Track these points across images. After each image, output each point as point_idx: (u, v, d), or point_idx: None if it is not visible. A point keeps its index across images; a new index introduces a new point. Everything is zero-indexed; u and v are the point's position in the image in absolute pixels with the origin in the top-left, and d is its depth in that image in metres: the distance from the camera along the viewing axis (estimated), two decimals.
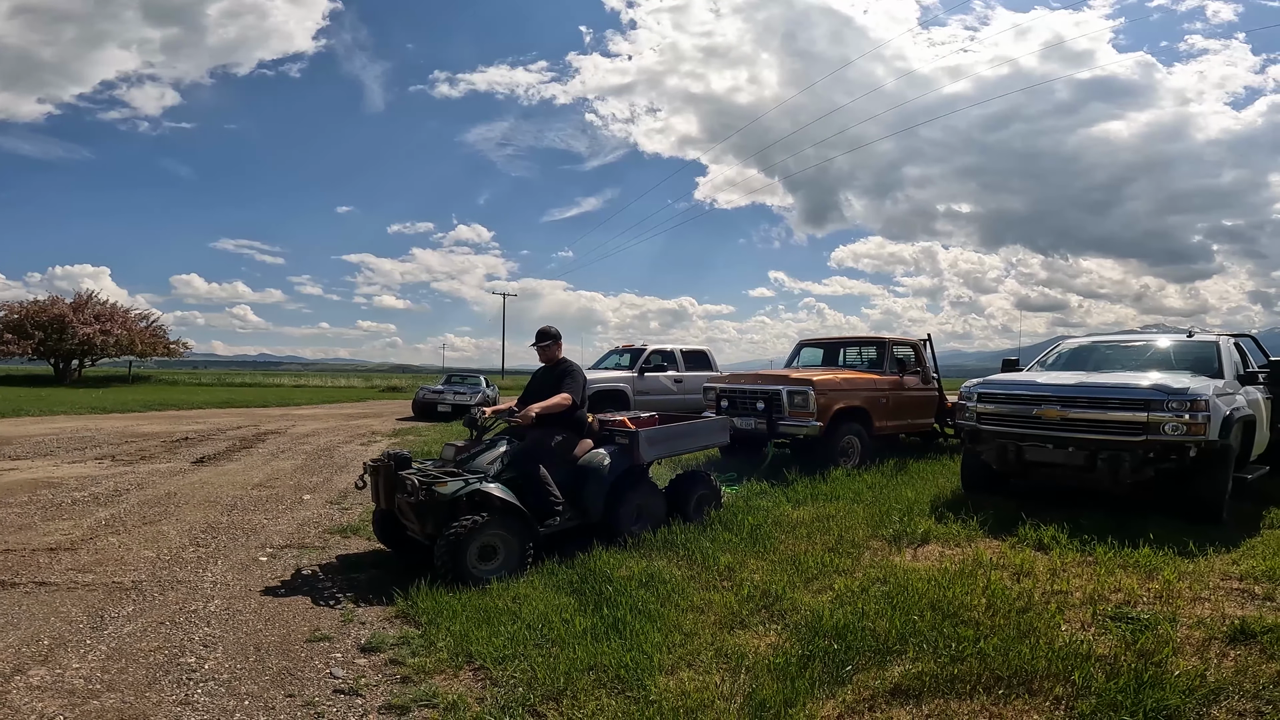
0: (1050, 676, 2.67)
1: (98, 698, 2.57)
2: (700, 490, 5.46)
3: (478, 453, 4.51)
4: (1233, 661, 2.78)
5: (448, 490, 3.95)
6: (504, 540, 4.05)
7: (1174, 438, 5.19)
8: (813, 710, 2.51)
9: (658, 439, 5.03)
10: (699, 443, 5.59)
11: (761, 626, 3.32)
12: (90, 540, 4.81)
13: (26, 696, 2.54)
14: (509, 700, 2.56)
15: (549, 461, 4.57)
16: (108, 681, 2.70)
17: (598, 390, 11.67)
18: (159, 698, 2.60)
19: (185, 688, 2.69)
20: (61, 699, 2.54)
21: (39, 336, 34.19)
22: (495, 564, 4.00)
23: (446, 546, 3.82)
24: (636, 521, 4.88)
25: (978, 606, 3.40)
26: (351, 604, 3.66)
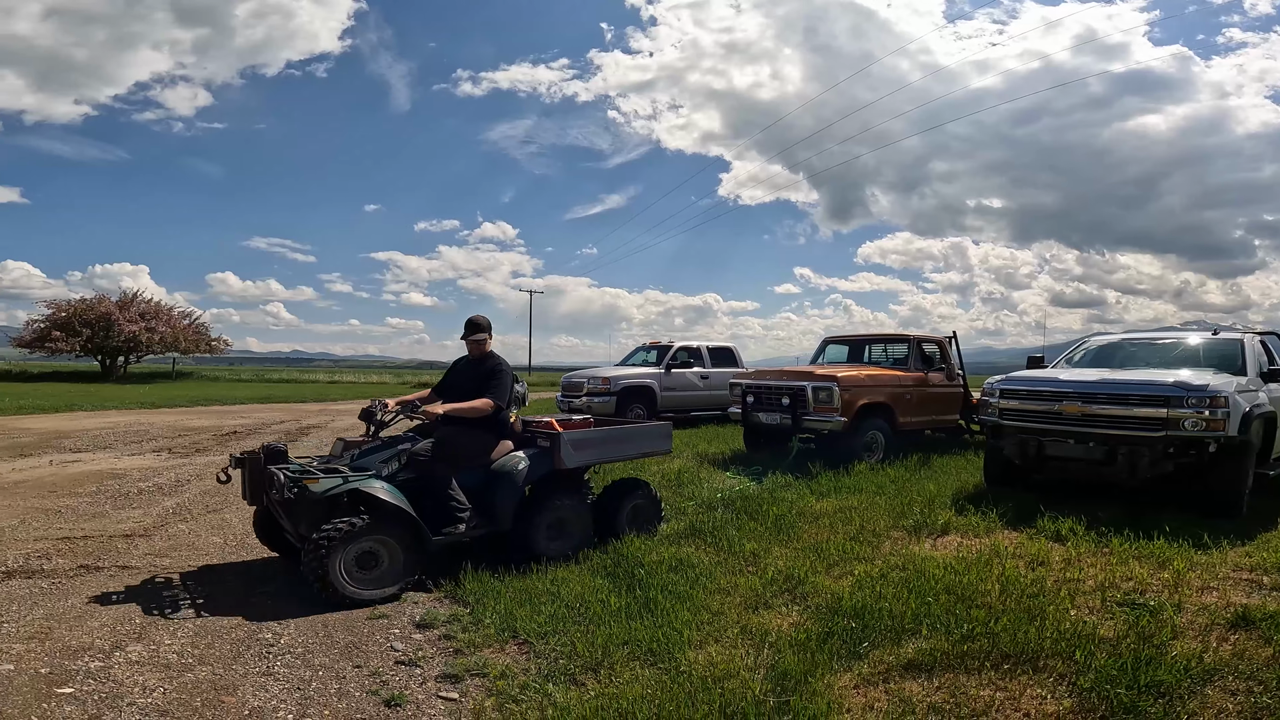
0: (1055, 655, 2.85)
1: (191, 670, 2.88)
2: (635, 501, 4.93)
3: (371, 450, 4.11)
4: (1231, 645, 2.93)
5: (319, 488, 3.61)
6: (388, 548, 3.73)
7: (1193, 433, 5.28)
8: (831, 681, 2.73)
9: (585, 443, 4.57)
10: (637, 449, 5.03)
11: (784, 607, 3.55)
12: (161, 527, 5.21)
13: (128, 671, 2.85)
14: (552, 670, 2.83)
15: (457, 463, 4.21)
16: (198, 655, 3.03)
17: (625, 387, 11.96)
18: (245, 669, 2.92)
19: (266, 660, 3.00)
20: (159, 672, 2.86)
21: (86, 334, 35.54)
22: (377, 573, 3.70)
23: (312, 552, 3.50)
24: (557, 536, 4.45)
25: (991, 592, 3.58)
26: None
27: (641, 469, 7.69)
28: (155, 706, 2.56)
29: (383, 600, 3.67)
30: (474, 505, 4.20)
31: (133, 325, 35.76)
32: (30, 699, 2.54)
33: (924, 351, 9.32)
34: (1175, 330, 7.63)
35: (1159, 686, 2.54)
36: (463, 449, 4.28)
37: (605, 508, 4.84)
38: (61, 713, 2.46)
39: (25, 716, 2.41)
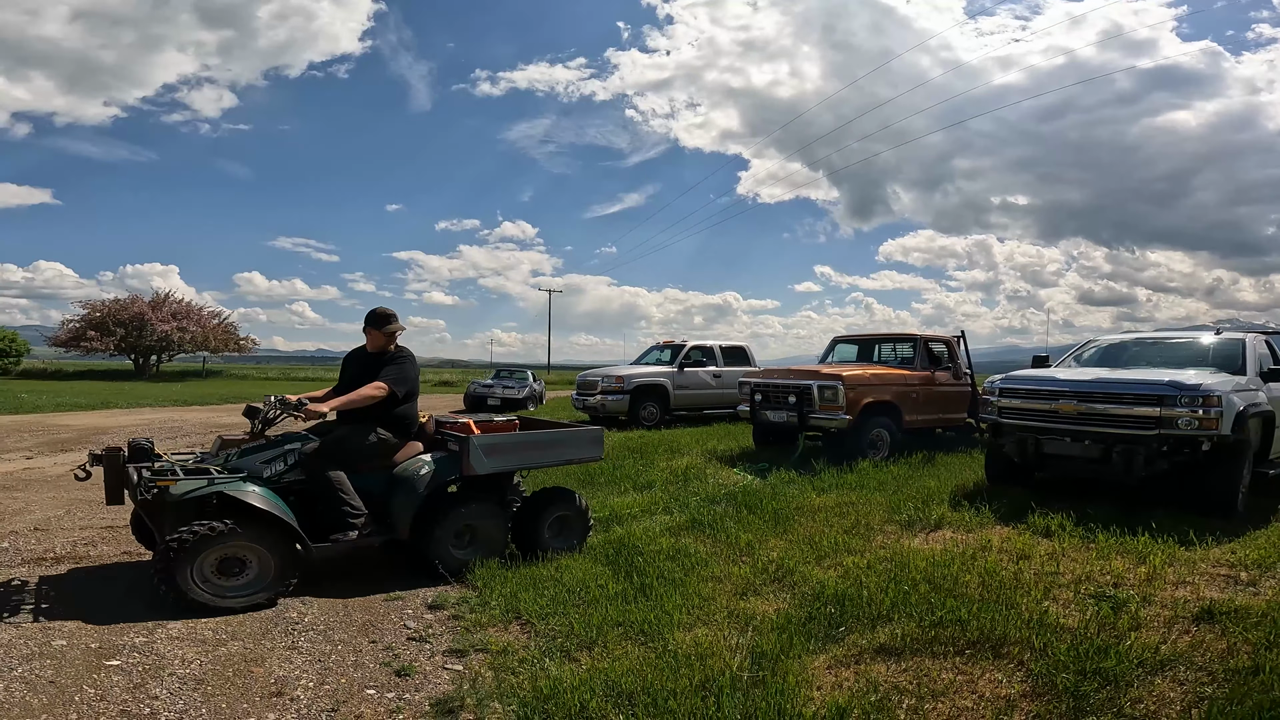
0: (1018, 643, 3.03)
1: (224, 645, 3.17)
2: (559, 511, 4.62)
3: (253, 449, 3.90)
4: (1189, 638, 3.08)
5: (178, 490, 3.44)
6: (256, 554, 3.56)
7: (1187, 432, 5.38)
8: (805, 661, 2.95)
9: (500, 448, 4.29)
10: (563, 455, 4.71)
11: (773, 595, 3.77)
12: None
13: (168, 645, 3.14)
14: (549, 647, 3.09)
15: (351, 464, 3.98)
16: (230, 632, 3.32)
17: (638, 385, 12.21)
18: (272, 644, 3.21)
19: (291, 636, 3.30)
20: (196, 646, 3.15)
21: (120, 333, 36.70)
22: (243, 580, 3.54)
23: (161, 555, 3.37)
24: (465, 546, 4.22)
25: (971, 584, 3.77)
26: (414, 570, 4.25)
27: (650, 465, 7.94)
28: (193, 676, 2.85)
29: (247, 609, 3.50)
30: (374, 510, 3.99)
31: (165, 325, 36.84)
32: (83, 670, 2.84)
33: (931, 351, 9.43)
34: (1180, 330, 7.70)
35: (1106, 674, 2.70)
36: (358, 449, 4.03)
37: (525, 518, 4.54)
38: (110, 681, 2.76)
39: (78, 685, 2.71)
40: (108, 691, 2.66)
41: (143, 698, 2.63)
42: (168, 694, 2.67)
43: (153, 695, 2.65)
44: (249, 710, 2.59)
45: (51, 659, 2.90)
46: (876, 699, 2.59)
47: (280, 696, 2.70)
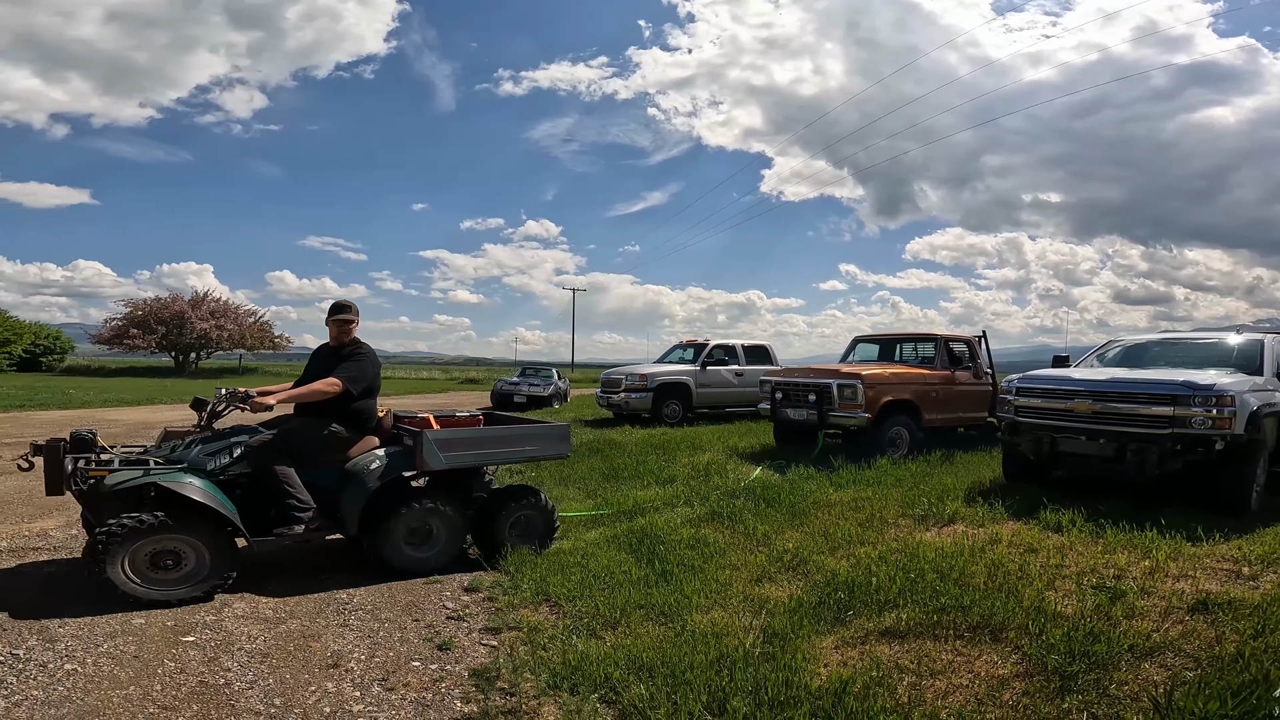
0: (1017, 628, 3.21)
1: (284, 623, 3.49)
2: (521, 511, 4.50)
3: (198, 442, 3.87)
4: (1182, 627, 3.23)
5: (112, 481, 3.44)
6: (193, 547, 3.55)
7: (1200, 431, 5.47)
8: (814, 641, 3.17)
9: (457, 443, 4.21)
10: (525, 452, 4.60)
11: (786, 581, 4.00)
12: None
13: (235, 623, 3.46)
14: (576, 626, 3.35)
15: (300, 458, 3.96)
16: (289, 611, 3.64)
17: (661, 383, 12.45)
18: (326, 622, 3.52)
19: (343, 615, 3.61)
20: (259, 624, 3.47)
21: (161, 331, 37.95)
22: (180, 574, 3.53)
23: (90, 547, 3.36)
24: (420, 545, 4.21)
25: (978, 574, 3.95)
26: None
27: (672, 461, 8.19)
28: (259, 650, 3.16)
29: (184, 602, 3.51)
30: (325, 505, 3.97)
31: (204, 323, 38.04)
32: (162, 645, 3.17)
33: (952, 350, 9.53)
34: (1202, 331, 7.74)
35: (1095, 657, 2.88)
36: (308, 443, 4.00)
37: (485, 516, 4.46)
38: (187, 656, 3.07)
39: (160, 659, 3.03)
40: (186, 664, 2.98)
41: (217, 669, 2.95)
42: (238, 666, 2.99)
43: (225, 668, 2.96)
44: (310, 680, 2.89)
45: (133, 636, 3.23)
46: (878, 675, 2.80)
47: (337, 668, 3.00)
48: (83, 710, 2.55)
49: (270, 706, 2.65)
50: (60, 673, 2.82)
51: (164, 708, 2.61)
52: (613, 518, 5.50)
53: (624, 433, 10.83)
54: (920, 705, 2.57)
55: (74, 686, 2.72)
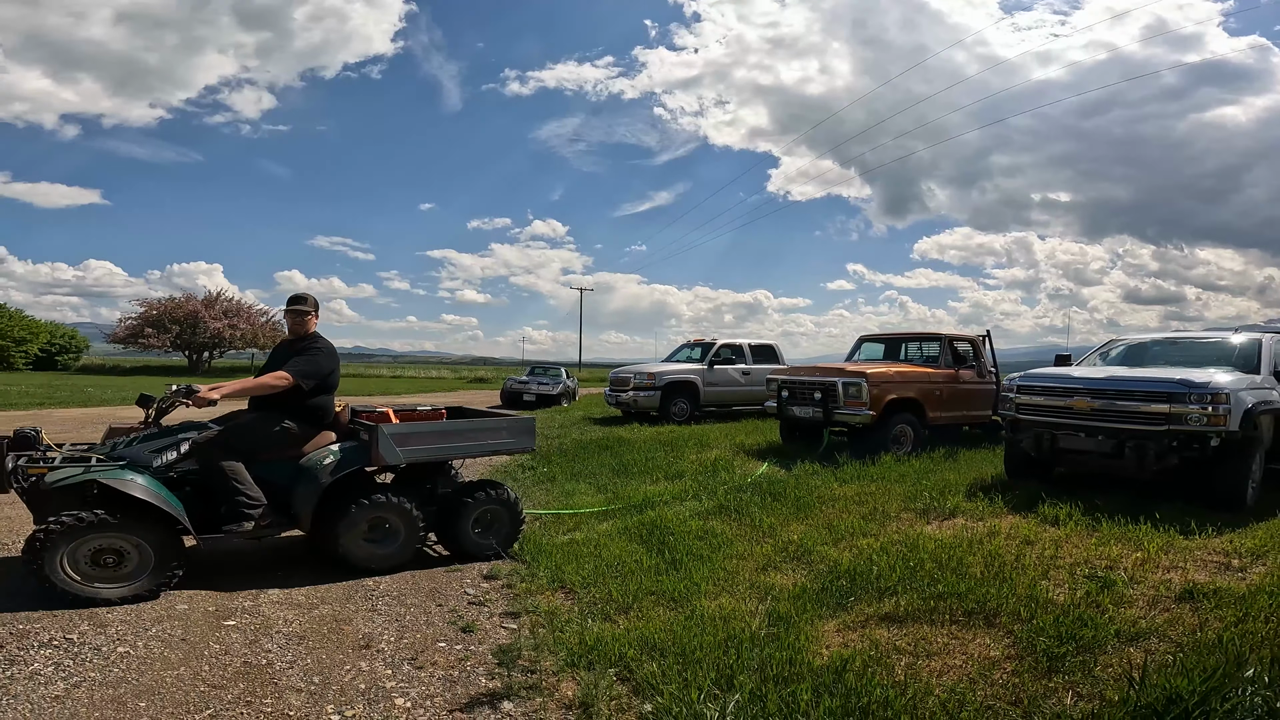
0: (1010, 614, 3.38)
1: (316, 608, 3.70)
2: (484, 506, 4.47)
3: (145, 438, 3.80)
4: (1168, 615, 3.39)
5: (51, 479, 3.40)
6: (136, 545, 3.51)
7: (1195, 428, 5.61)
8: (817, 625, 3.36)
9: (414, 437, 4.20)
10: (489, 445, 4.57)
11: (791, 570, 4.19)
12: None
13: (272, 608, 3.67)
14: (590, 611, 3.55)
15: (250, 453, 3.90)
16: (320, 597, 3.86)
17: (669, 382, 12.63)
18: (355, 607, 3.73)
19: (371, 601, 3.82)
20: (294, 609, 3.68)
21: (175, 330, 38.43)
22: (124, 571, 3.50)
23: (29, 545, 3.33)
24: (378, 541, 4.16)
25: (975, 564, 4.12)
26: None
27: (680, 458, 8.38)
28: (295, 633, 3.37)
29: (125, 600, 3.49)
30: (279, 501, 3.96)
31: (217, 323, 38.52)
32: (206, 629, 3.38)
33: (956, 350, 9.68)
34: (1201, 331, 7.86)
35: (1082, 641, 3.04)
36: (258, 438, 3.95)
37: (447, 512, 4.43)
38: (230, 639, 3.28)
39: (205, 642, 3.24)
40: (230, 646, 3.19)
41: (259, 651, 3.16)
42: (278, 648, 3.19)
43: (266, 649, 3.17)
44: (345, 660, 3.10)
45: (179, 620, 3.45)
46: (877, 655, 2.98)
47: (368, 649, 3.21)
48: (139, 690, 2.76)
49: (310, 684, 2.86)
50: (114, 655, 3.03)
51: (213, 686, 2.81)
52: (623, 511, 5.69)
53: (633, 430, 11.03)
54: (916, 683, 2.74)
55: (128, 668, 2.93)
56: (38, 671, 2.83)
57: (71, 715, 2.54)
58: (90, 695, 2.69)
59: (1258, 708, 2.16)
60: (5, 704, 2.58)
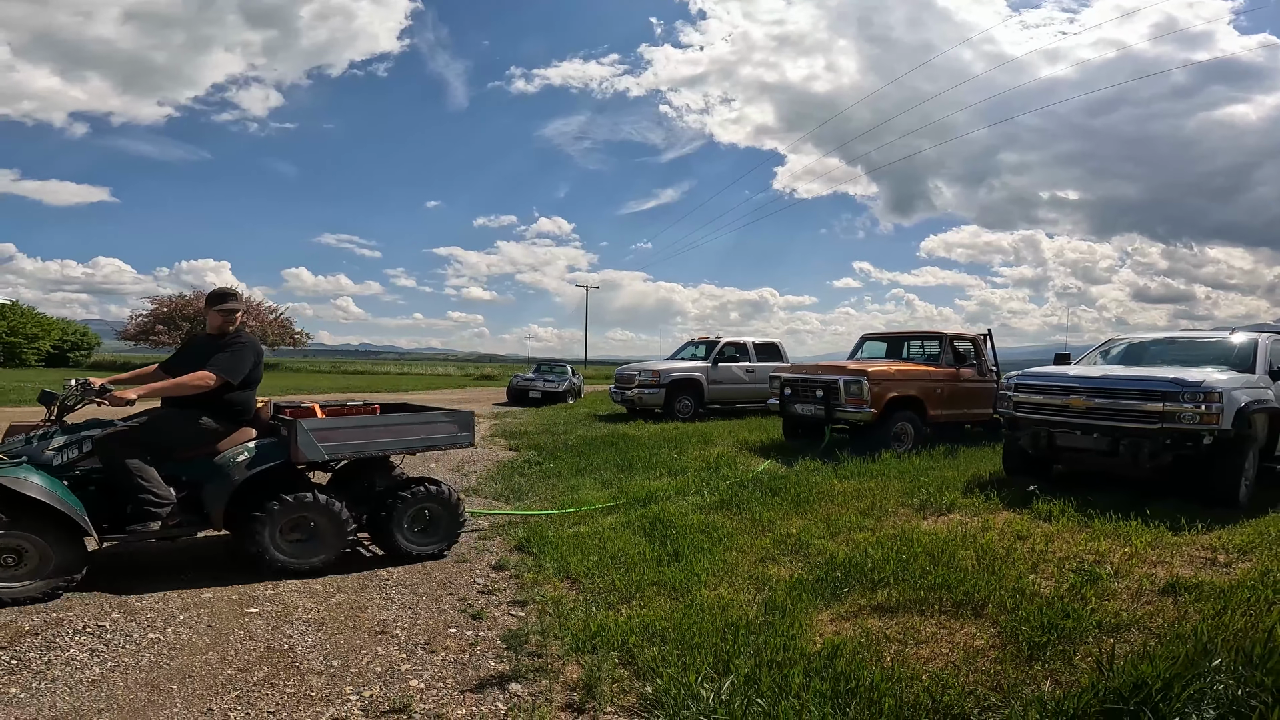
0: (996, 605, 3.51)
1: (334, 597, 3.87)
2: (420, 505, 4.38)
3: (44, 436, 3.71)
4: (1150, 607, 3.51)
5: None
6: (34, 544, 3.43)
7: (1189, 426, 5.73)
8: (812, 614, 3.50)
9: (337, 432, 4.10)
10: (421, 440, 4.47)
11: (789, 562, 4.33)
12: None
13: (291, 597, 3.84)
14: (594, 600, 3.71)
15: (159, 450, 3.80)
16: (336, 586, 4.02)
17: (673, 379, 12.78)
18: (370, 596, 3.90)
19: (384, 590, 3.99)
20: (312, 598, 3.84)
21: (186, 328, 38.78)
22: (21, 571, 3.44)
23: None
24: (302, 541, 4.05)
25: (968, 558, 4.25)
26: (478, 538, 4.94)
27: (683, 454, 8.52)
28: (314, 620, 3.54)
29: (18, 601, 3.42)
30: (193, 500, 3.89)
31: None
32: (231, 616, 3.55)
33: (957, 348, 9.79)
34: (1200, 330, 7.96)
35: (1063, 631, 3.15)
36: (174, 436, 3.86)
37: (381, 511, 4.34)
38: (253, 625, 3.45)
39: (230, 628, 3.41)
40: (253, 632, 3.36)
41: (280, 636, 3.32)
42: (298, 633, 3.36)
43: (288, 635, 3.34)
44: (361, 644, 3.26)
45: (204, 608, 3.62)
46: (867, 642, 3.13)
47: (383, 634, 3.38)
48: (170, 673, 2.93)
49: (329, 667, 3.02)
50: (145, 641, 3.20)
51: (240, 669, 2.98)
52: (627, 505, 5.84)
53: (637, 427, 11.18)
54: (903, 669, 2.88)
55: (160, 653, 3.10)
56: (74, 657, 3.01)
57: (108, 698, 2.71)
58: (125, 679, 2.86)
59: (1220, 694, 2.29)
60: (45, 687, 2.75)
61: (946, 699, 2.58)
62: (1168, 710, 2.14)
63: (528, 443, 10.19)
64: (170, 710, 2.63)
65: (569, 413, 15.13)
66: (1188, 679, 2.33)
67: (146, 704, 2.67)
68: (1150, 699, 2.21)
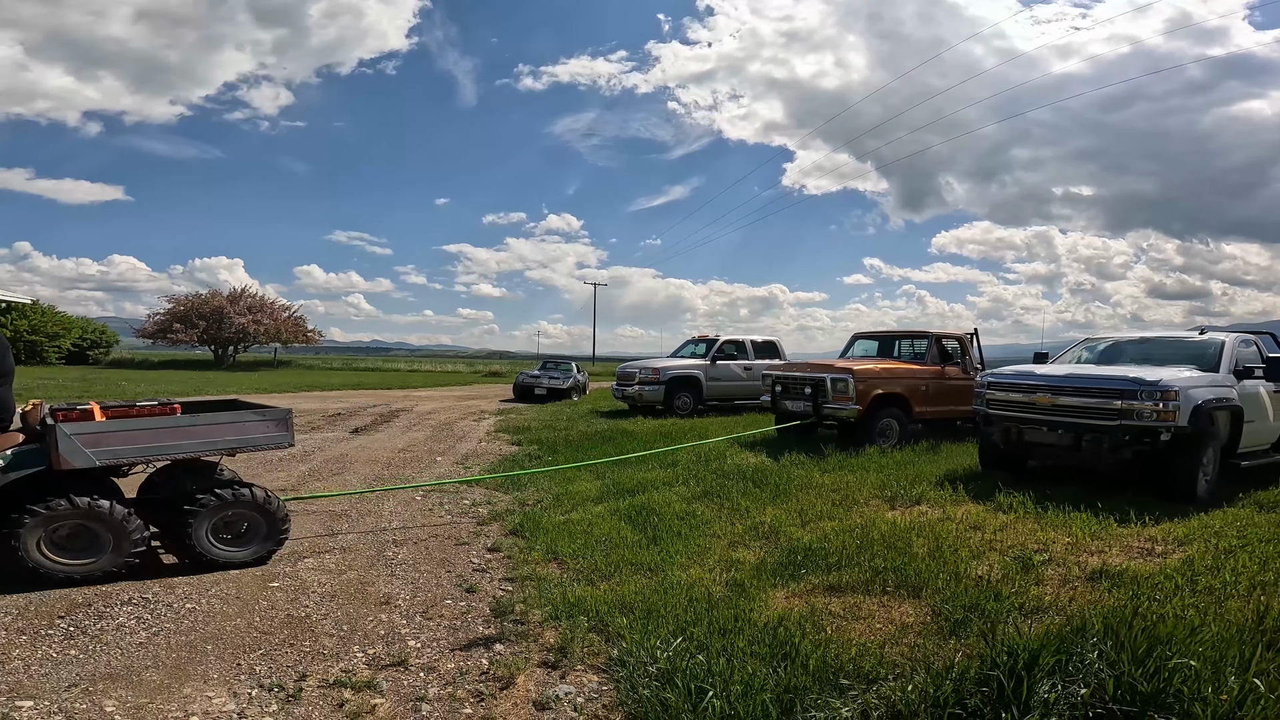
0: (933, 589, 3.87)
1: (345, 574, 4.34)
2: (227, 511, 4.18)
3: None
4: (1072, 591, 3.83)
5: None
6: None
7: (1147, 423, 6.07)
8: (770, 592, 3.92)
9: (112, 435, 3.86)
10: (223, 442, 4.20)
11: (758, 547, 4.75)
12: (302, 485, 6.85)
13: (308, 573, 4.31)
14: (577, 577, 4.15)
15: None
16: (347, 564, 4.50)
17: (673, 376, 13.19)
18: (377, 573, 4.36)
19: (390, 568, 4.45)
20: (326, 575, 4.31)
21: (202, 326, 39.65)
22: None
23: None
24: (81, 550, 3.85)
25: (921, 545, 4.64)
26: (477, 524, 5.40)
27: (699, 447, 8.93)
28: (328, 592, 4.00)
29: None
30: None
31: (242, 318, 39.70)
32: (255, 589, 4.02)
33: (943, 347, 10.14)
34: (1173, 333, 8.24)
35: (985, 611, 3.47)
36: None
37: (182, 517, 4.09)
38: (275, 596, 3.91)
39: (255, 599, 3.87)
40: (275, 603, 3.83)
41: (298, 606, 3.79)
42: (314, 603, 3.83)
43: (305, 605, 3.81)
44: (369, 613, 3.72)
45: (232, 582, 4.09)
46: (811, 616, 3.54)
47: (388, 605, 3.84)
48: (205, 636, 3.39)
49: (340, 630, 3.48)
50: (183, 610, 3.68)
51: (264, 633, 3.45)
52: (616, 494, 6.27)
53: (637, 423, 11.61)
54: (839, 639, 3.29)
55: (196, 620, 3.57)
56: (123, 624, 3.48)
57: (154, 657, 3.17)
58: (167, 641, 3.33)
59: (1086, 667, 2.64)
60: (100, 649, 3.22)
61: (866, 663, 2.97)
62: (1030, 678, 2.52)
63: (530, 438, 10.65)
64: (206, 666, 3.09)
65: (572, 409, 15.58)
66: (1054, 651, 2.71)
67: (187, 661, 3.13)
68: (1014, 671, 2.57)
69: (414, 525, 5.48)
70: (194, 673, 3.02)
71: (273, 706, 2.74)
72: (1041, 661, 2.62)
